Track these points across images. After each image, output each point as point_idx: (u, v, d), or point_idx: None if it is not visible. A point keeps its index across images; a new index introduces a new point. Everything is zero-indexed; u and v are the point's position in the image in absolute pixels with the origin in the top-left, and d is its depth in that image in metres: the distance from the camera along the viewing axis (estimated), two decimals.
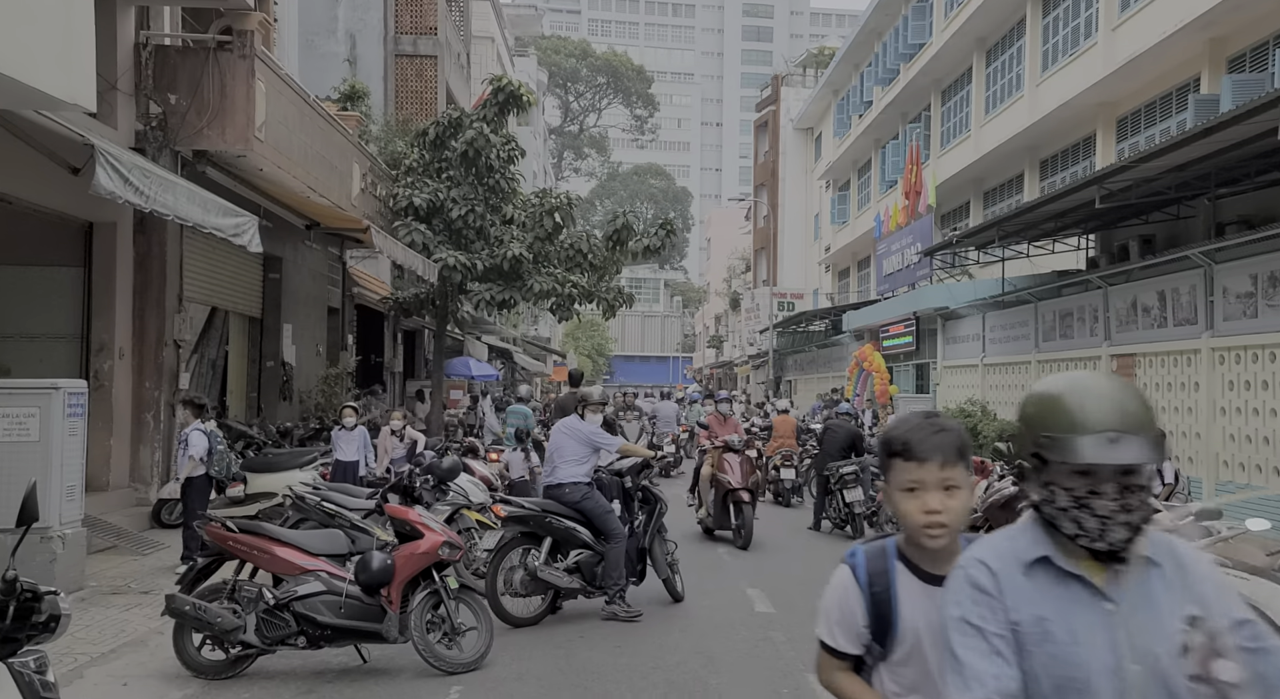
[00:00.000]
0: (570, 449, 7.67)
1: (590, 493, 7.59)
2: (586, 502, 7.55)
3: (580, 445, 7.69)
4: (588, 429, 7.74)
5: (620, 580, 7.47)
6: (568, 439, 7.73)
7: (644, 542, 8.02)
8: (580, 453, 7.65)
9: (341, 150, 14.97)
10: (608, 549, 7.47)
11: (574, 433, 7.72)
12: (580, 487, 7.56)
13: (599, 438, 7.73)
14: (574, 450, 7.65)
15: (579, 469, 7.60)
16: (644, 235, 18.80)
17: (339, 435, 11.58)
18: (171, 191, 9.02)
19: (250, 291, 14.72)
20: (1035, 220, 16.14)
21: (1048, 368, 17.35)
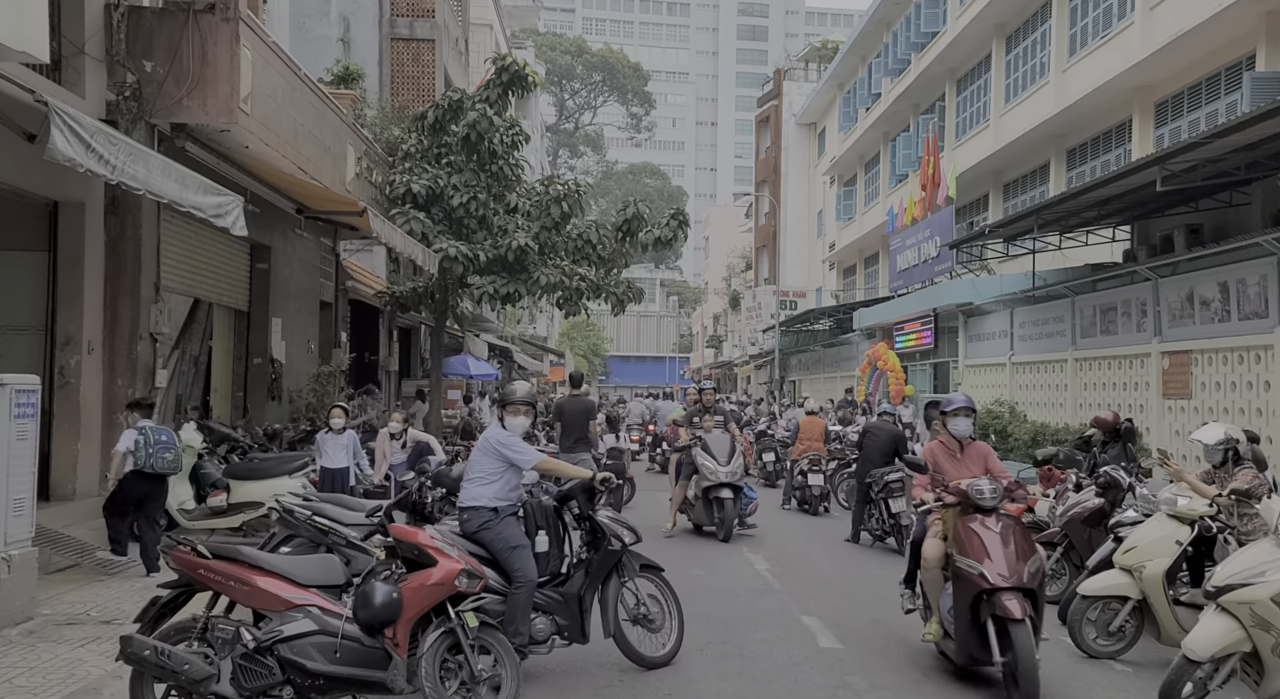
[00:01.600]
0: (479, 465, 6.10)
1: (493, 521, 5.88)
2: (485, 532, 5.83)
3: (490, 460, 6.08)
4: (496, 438, 6.11)
5: (519, 635, 5.66)
6: (479, 453, 6.19)
7: (580, 587, 6.15)
8: (489, 469, 6.03)
9: (335, 131, 13.88)
10: (510, 594, 5.76)
11: (483, 444, 6.21)
12: (481, 513, 5.90)
13: (510, 450, 6.06)
14: (482, 466, 6.07)
15: (484, 490, 5.97)
16: (655, 226, 17.73)
17: (325, 439, 10.48)
18: (143, 163, 7.94)
19: (236, 282, 13.62)
20: (1077, 208, 15.13)
21: (1087, 366, 16.35)
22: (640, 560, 6.48)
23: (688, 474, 12.15)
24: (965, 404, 6.76)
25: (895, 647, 6.76)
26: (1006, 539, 5.87)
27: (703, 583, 8.88)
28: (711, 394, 13.27)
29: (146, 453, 8.32)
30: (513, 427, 6.17)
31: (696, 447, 11.93)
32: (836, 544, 11.40)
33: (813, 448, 14.81)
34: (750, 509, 12.34)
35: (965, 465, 6.62)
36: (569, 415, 12.78)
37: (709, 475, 11.63)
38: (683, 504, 12.45)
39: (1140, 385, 14.59)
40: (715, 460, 11.69)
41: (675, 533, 12.14)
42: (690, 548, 11.09)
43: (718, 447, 11.89)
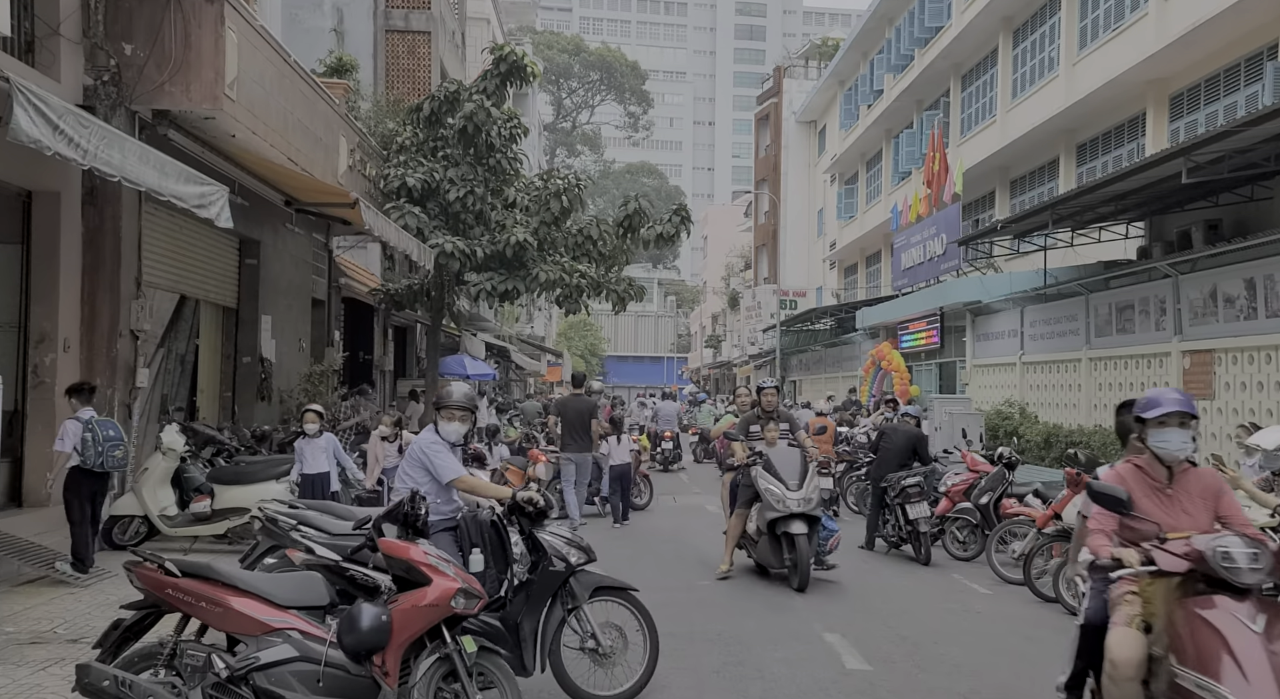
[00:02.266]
0: (406, 473, 5.61)
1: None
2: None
3: (417, 468, 5.55)
4: (421, 445, 5.58)
5: None
6: (407, 460, 5.68)
7: (519, 614, 5.37)
8: (418, 479, 5.52)
9: (327, 121, 13.39)
10: None
11: (411, 451, 5.67)
12: None
13: (430, 458, 5.51)
14: (410, 475, 5.57)
15: None
16: (657, 222, 17.25)
17: (302, 445, 9.90)
18: (118, 148, 7.43)
19: (224, 278, 13.12)
20: (1092, 203, 14.66)
21: (1102, 366, 15.89)
22: (600, 582, 5.67)
23: (746, 500, 9.31)
24: (1181, 406, 4.23)
25: (929, 667, 6.28)
26: (1274, 647, 3.45)
27: (713, 594, 8.40)
28: (773, 395, 9.87)
29: (96, 451, 7.81)
30: (446, 433, 5.63)
31: (757, 466, 9.13)
32: (850, 551, 10.89)
33: (821, 450, 14.30)
34: (831, 545, 9.59)
35: (1179, 506, 4.24)
36: (570, 415, 12.71)
37: (775, 504, 8.80)
38: (741, 538, 9.64)
39: (1159, 385, 14.13)
40: (783, 484, 8.89)
41: (734, 572, 9.45)
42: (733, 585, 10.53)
43: (785, 465, 9.07)
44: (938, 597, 8.55)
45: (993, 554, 9.44)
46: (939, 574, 9.64)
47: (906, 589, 8.87)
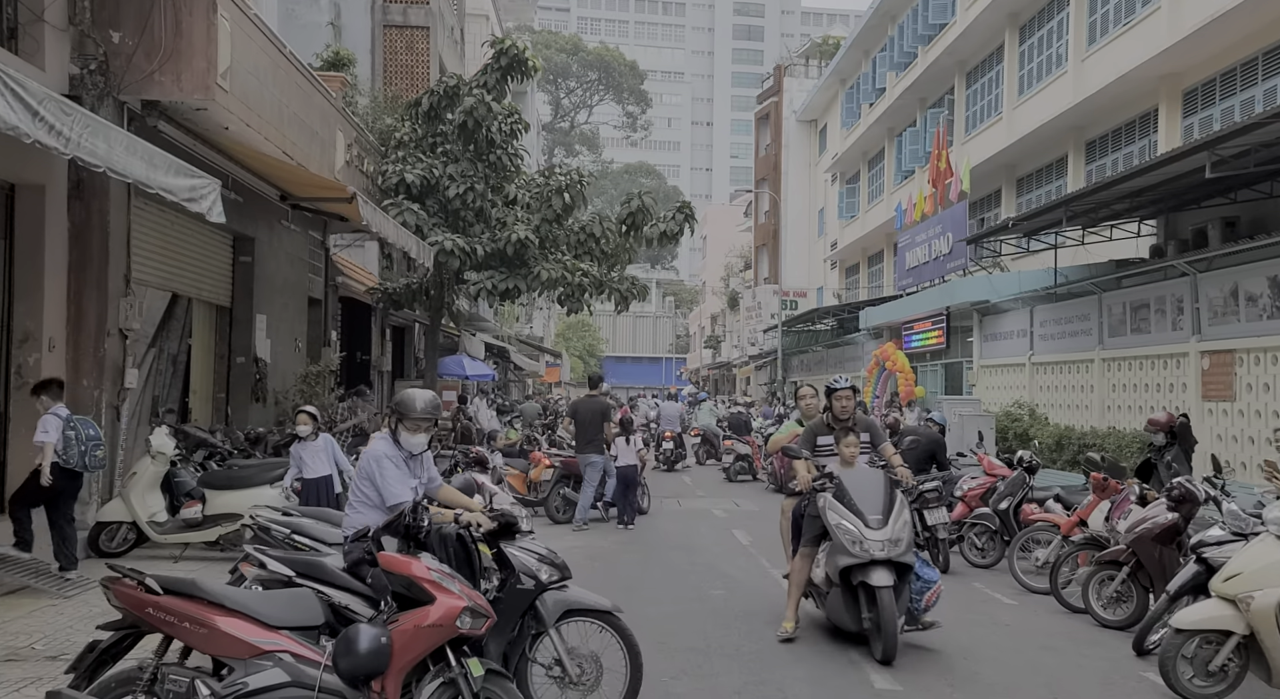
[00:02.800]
0: (359, 485, 5.18)
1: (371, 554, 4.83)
2: (364, 566, 4.87)
3: (364, 480, 5.15)
4: (371, 457, 5.11)
5: None
6: (359, 472, 5.24)
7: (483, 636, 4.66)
8: (370, 490, 5.10)
9: (323, 114, 13.03)
10: None
11: (363, 461, 5.23)
12: (358, 545, 4.93)
13: (379, 474, 5.04)
14: (362, 487, 5.15)
15: (367, 515, 5.01)
16: (660, 219, 16.91)
17: (299, 449, 9.49)
18: (103, 137, 7.07)
19: (218, 276, 12.75)
20: (1107, 199, 14.32)
21: (1115, 367, 15.56)
22: (572, 602, 5.15)
23: (812, 537, 7.13)
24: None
25: (962, 686, 5.94)
26: None
27: (726, 605, 8.04)
28: (849, 398, 7.46)
29: (80, 451, 7.51)
30: (409, 445, 5.13)
31: (826, 494, 6.92)
32: None
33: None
34: (928, 600, 7.17)
35: None
36: (583, 416, 12.83)
37: (849, 546, 6.59)
38: (808, 585, 7.37)
39: (1176, 387, 13.81)
40: (860, 518, 6.64)
41: (800, 632, 7.16)
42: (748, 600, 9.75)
43: (864, 493, 6.81)
44: (961, 607, 8.20)
45: (1015, 562, 9.09)
46: (959, 583, 9.29)
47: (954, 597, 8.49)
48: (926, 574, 7.24)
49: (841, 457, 7.22)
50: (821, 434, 7.54)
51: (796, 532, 7.51)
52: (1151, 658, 6.42)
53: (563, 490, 13.34)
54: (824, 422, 7.63)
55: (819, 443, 7.53)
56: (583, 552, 10.72)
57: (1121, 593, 7.51)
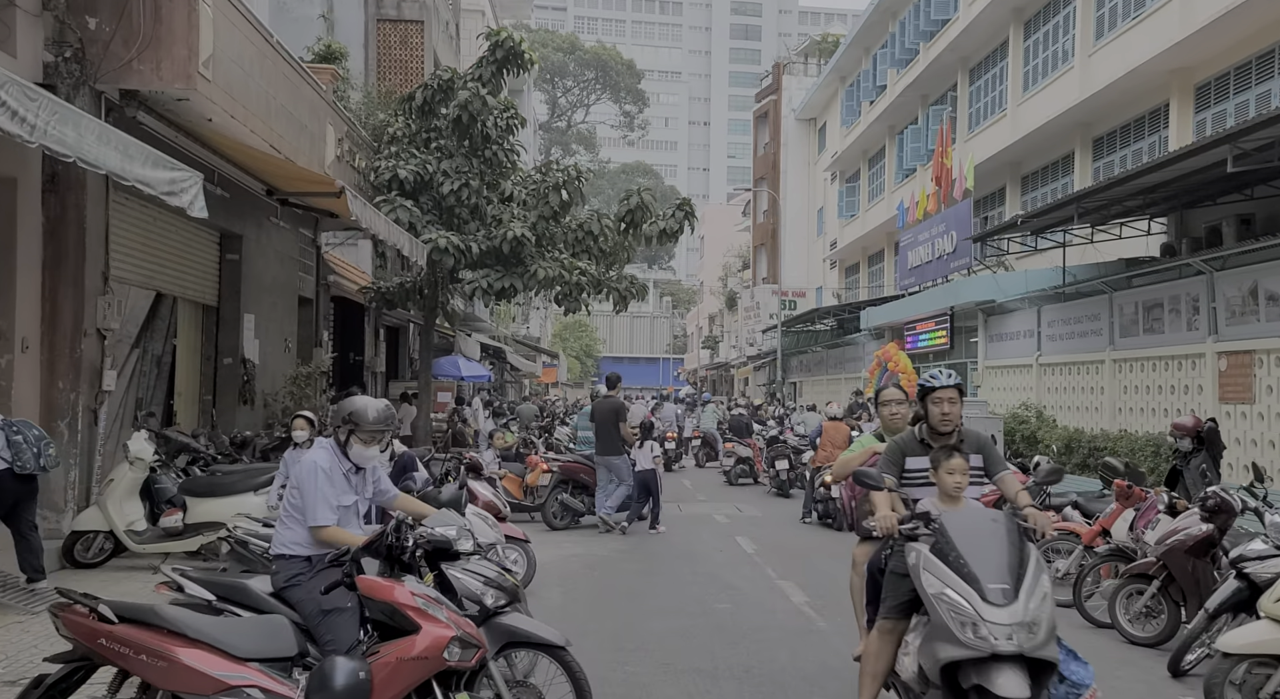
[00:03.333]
0: (291, 498, 4.67)
1: (305, 575, 4.37)
2: (294, 588, 4.35)
3: (297, 493, 4.65)
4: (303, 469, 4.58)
5: None
6: (292, 485, 4.73)
7: None
8: (295, 504, 4.62)
9: (313, 108, 12.61)
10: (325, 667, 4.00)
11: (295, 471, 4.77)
12: (291, 563, 4.43)
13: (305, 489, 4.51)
14: (292, 502, 4.64)
15: (297, 533, 4.49)
16: (660, 217, 16.50)
17: (292, 456, 9.07)
18: (73, 125, 6.66)
19: (204, 274, 12.34)
20: (1119, 196, 13.95)
21: (1127, 368, 15.17)
22: (516, 633, 4.59)
23: (898, 604, 4.75)
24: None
25: None
26: None
27: (733, 620, 7.64)
28: (955, 401, 5.14)
29: (33, 452, 7.10)
30: (359, 458, 4.61)
31: (921, 546, 4.46)
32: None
33: (835, 456, 13.56)
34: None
35: None
36: (599, 417, 12.77)
37: (960, 630, 4.05)
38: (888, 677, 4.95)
39: (1191, 388, 13.42)
40: (975, 586, 4.10)
41: None
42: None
43: (980, 546, 4.28)
44: None
45: None
46: None
47: None
48: (1075, 674, 4.71)
49: (941, 488, 4.78)
50: (913, 454, 5.16)
51: (874, 592, 5.19)
52: (1189, 679, 6.03)
53: (560, 496, 12.94)
54: (915, 436, 5.25)
55: (908, 467, 5.16)
56: (581, 560, 10.32)
57: (1151, 608, 7.11)
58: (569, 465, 13.16)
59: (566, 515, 12.85)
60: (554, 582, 8.97)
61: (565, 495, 12.94)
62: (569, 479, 13.05)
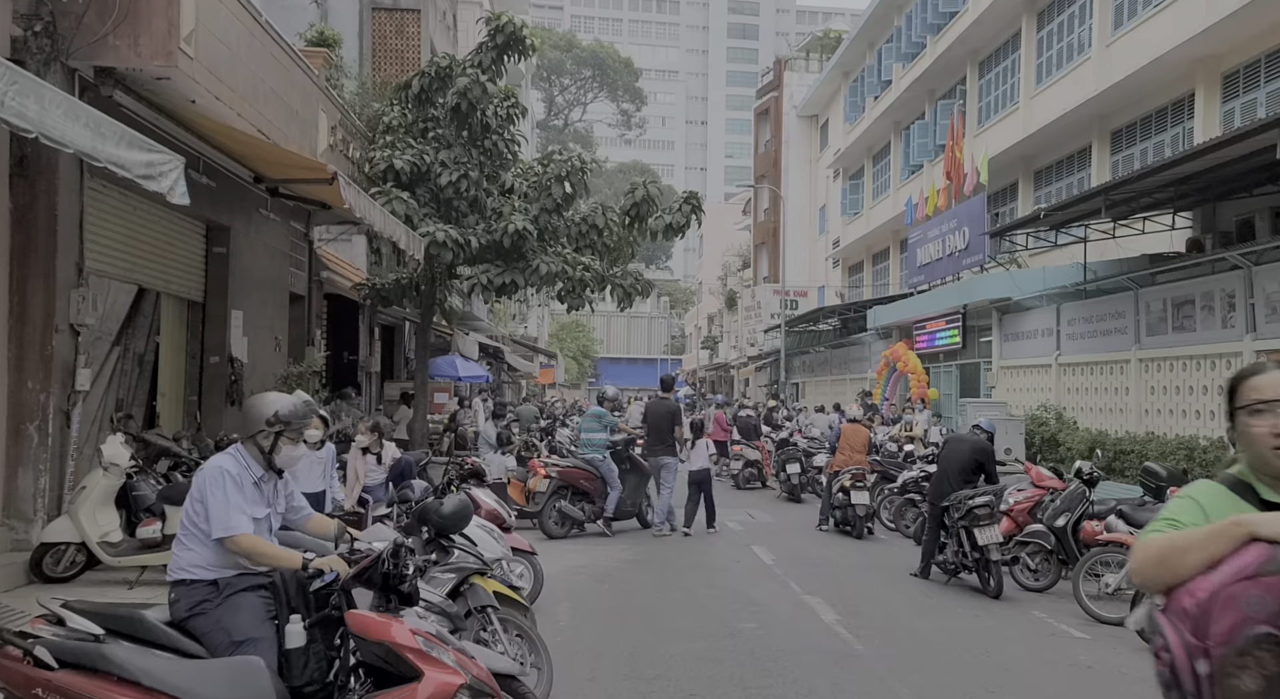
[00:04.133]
0: (190, 513, 4.05)
1: (211, 602, 3.78)
2: (199, 618, 3.77)
3: (198, 506, 4.01)
4: (206, 475, 3.95)
5: None
6: (190, 496, 4.07)
7: None
8: (199, 523, 4.01)
9: (304, 93, 11.96)
10: None
11: (199, 482, 4.04)
12: (194, 589, 3.81)
13: (209, 496, 3.87)
14: (192, 518, 4.02)
15: (198, 553, 3.87)
16: (666, 211, 15.86)
17: None
18: (36, 97, 6.01)
19: (189, 269, 11.67)
20: (1148, 188, 13.35)
21: (1155, 367, 14.56)
22: None
23: None
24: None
25: None
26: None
27: (762, 643, 7.00)
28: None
29: None
30: (286, 460, 4.03)
31: None
32: (903, 580, 9.52)
33: (854, 460, 13.01)
34: None
35: None
36: (653, 418, 12.92)
37: None
38: None
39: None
40: None
41: None
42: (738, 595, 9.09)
43: None
44: (1027, 643, 7.17)
45: (1081, 588, 8.05)
46: (1015, 611, 8.27)
47: (988, 633, 7.47)
48: None
49: None
50: None
51: None
52: None
53: (559, 504, 12.23)
54: None
55: None
56: (589, 572, 9.68)
57: None
58: (568, 471, 12.45)
59: (566, 524, 12.20)
60: (561, 596, 8.33)
61: (563, 503, 12.24)
62: (569, 485, 12.36)
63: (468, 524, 5.37)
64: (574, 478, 12.37)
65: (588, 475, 12.37)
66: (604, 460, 12.37)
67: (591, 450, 12.46)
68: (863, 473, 12.51)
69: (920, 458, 13.15)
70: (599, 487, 12.40)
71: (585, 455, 12.55)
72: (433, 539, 5.18)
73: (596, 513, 12.34)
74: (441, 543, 5.18)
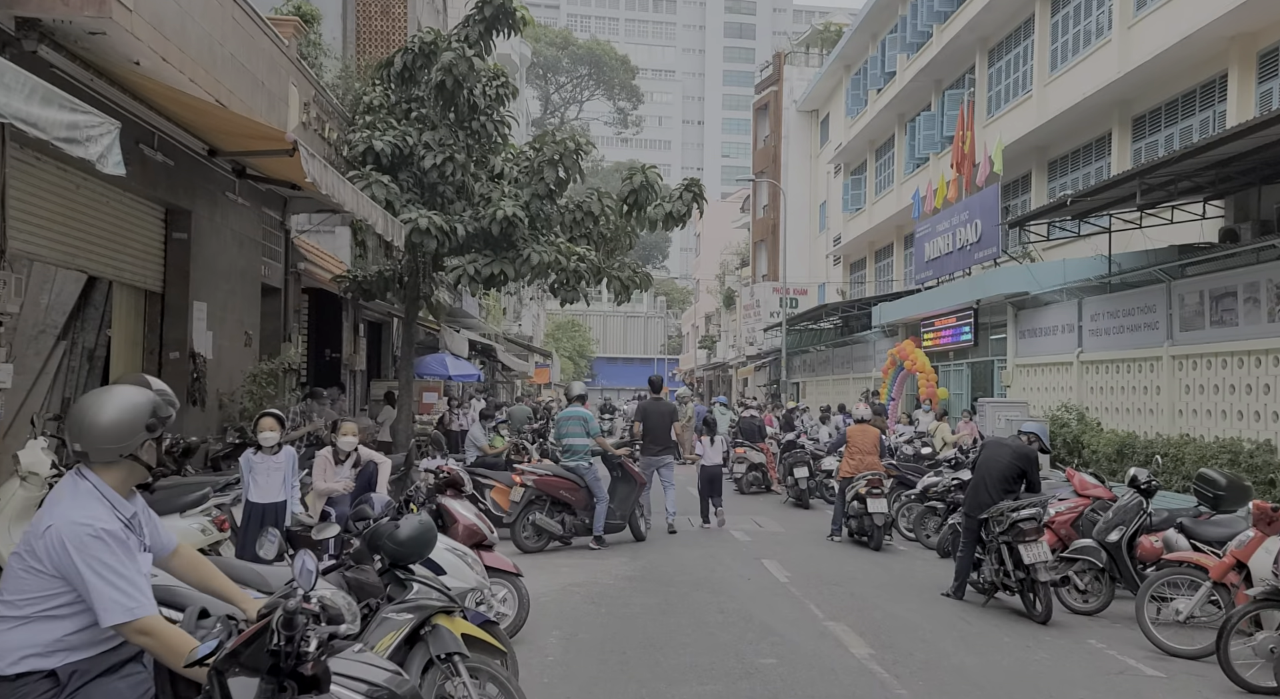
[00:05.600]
0: (15, 581, 2.89)
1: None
2: None
3: (37, 576, 2.84)
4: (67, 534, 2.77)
5: None
6: (15, 557, 2.94)
7: None
8: (42, 590, 2.82)
9: (272, 63, 10.93)
10: None
11: (26, 546, 2.93)
12: (27, 687, 2.74)
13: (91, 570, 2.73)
14: (24, 585, 2.81)
15: (30, 635, 2.78)
16: (666, 199, 14.85)
17: (252, 462, 7.44)
18: None
19: (145, 256, 10.63)
20: (1188, 170, 12.36)
21: (1191, 365, 13.57)
22: None
23: None
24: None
25: None
26: None
27: (787, 685, 5.98)
28: None
29: None
30: (111, 495, 2.89)
31: None
32: (935, 602, 8.51)
33: (867, 464, 11.95)
34: None
35: None
36: (653, 419, 12.68)
37: None
38: None
39: (1275, 388, 11.82)
40: None
41: None
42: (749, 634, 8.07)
43: None
44: (1094, 684, 6.16)
45: (1145, 615, 7.03)
46: (1069, 640, 7.26)
47: (1045, 670, 6.45)
48: None
49: None
50: None
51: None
52: None
53: (534, 517, 10.97)
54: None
55: None
56: (582, 591, 8.66)
57: None
58: (546, 480, 11.19)
59: (541, 539, 10.97)
60: (550, 623, 7.31)
61: (540, 515, 10.95)
62: (547, 496, 11.12)
63: (430, 550, 4.37)
64: (552, 487, 11.14)
65: (569, 485, 11.17)
66: (590, 468, 11.31)
67: (575, 457, 11.31)
68: (879, 479, 11.47)
69: (945, 463, 12.16)
70: (583, 498, 11.22)
71: (569, 462, 11.41)
72: (387, 570, 4.17)
73: (578, 526, 11.17)
74: (398, 575, 4.17)
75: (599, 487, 11.19)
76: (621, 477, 11.69)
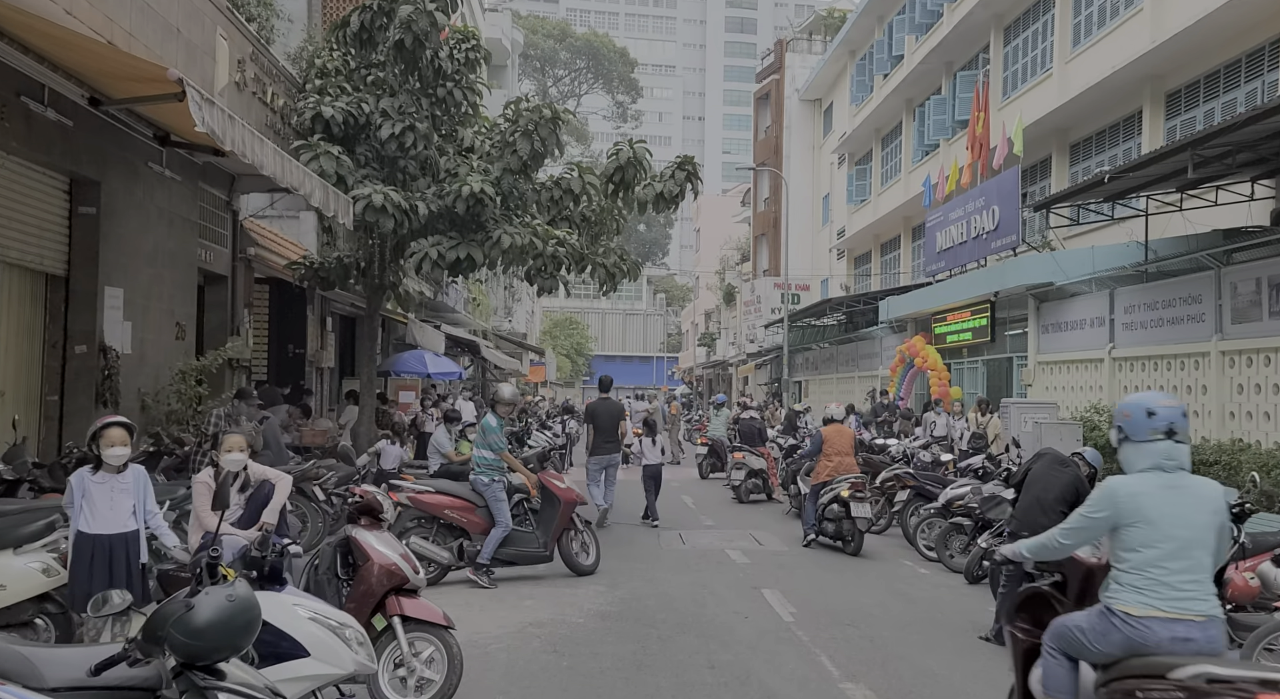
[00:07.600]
0: None
1: None
2: None
3: None
4: None
5: None
6: None
7: None
8: None
9: (193, 9, 9.43)
10: None
11: None
12: None
13: None
14: None
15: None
16: (657, 178, 13.37)
17: (88, 483, 5.79)
18: None
19: (43, 233, 9.15)
20: (1249, 139, 10.84)
21: (1244, 361, 12.06)
22: None
23: None
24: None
25: None
26: None
27: None
28: None
29: None
30: None
31: None
32: (973, 648, 6.98)
33: (845, 466, 11.05)
34: None
35: None
36: (602, 418, 12.92)
37: None
38: None
39: None
40: None
41: None
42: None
43: None
44: None
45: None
46: None
47: None
48: None
49: None
50: None
51: None
52: None
53: (411, 540, 8.36)
54: None
55: None
56: (544, 635, 7.12)
57: None
58: (427, 499, 9.28)
59: (431, 569, 8.41)
60: (496, 682, 5.80)
61: (419, 540, 8.62)
62: (428, 517, 9.25)
63: (250, 638, 2.84)
64: (434, 508, 9.22)
65: (461, 505, 9.27)
66: (489, 485, 9.23)
67: (478, 471, 9.36)
68: (862, 481, 10.99)
69: (973, 471, 10.72)
70: (482, 522, 9.21)
71: (485, 478, 9.33)
72: (181, 673, 2.65)
73: (475, 555, 9.15)
74: (195, 681, 2.65)
75: (500, 509, 9.17)
76: (543, 495, 9.73)
